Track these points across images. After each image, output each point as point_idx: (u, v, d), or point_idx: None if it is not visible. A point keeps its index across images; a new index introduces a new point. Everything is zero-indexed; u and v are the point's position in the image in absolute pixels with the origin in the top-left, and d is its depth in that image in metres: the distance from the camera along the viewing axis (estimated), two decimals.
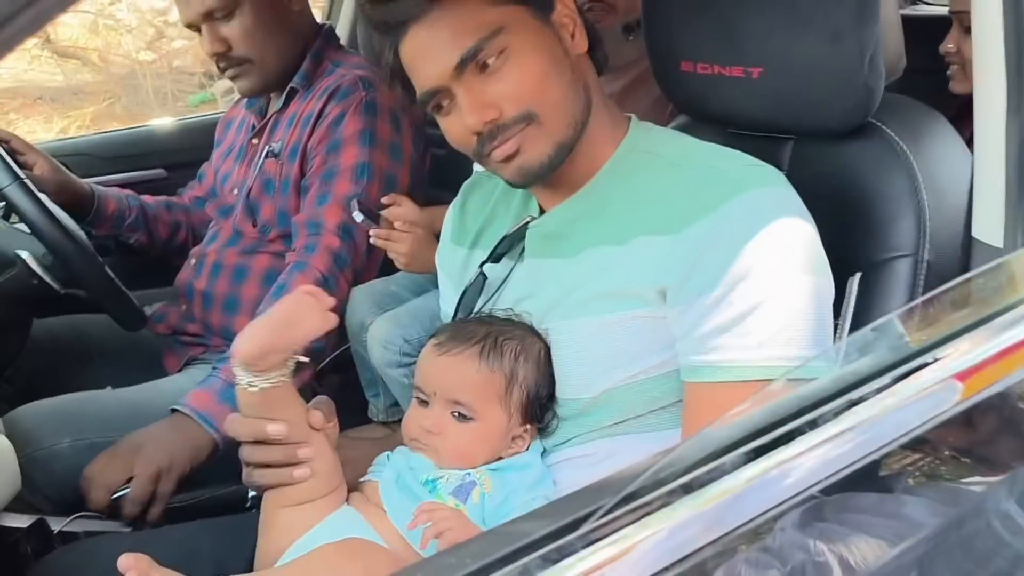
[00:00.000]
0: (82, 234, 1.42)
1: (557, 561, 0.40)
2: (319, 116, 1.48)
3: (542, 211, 0.98)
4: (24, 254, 1.31)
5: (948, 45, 1.47)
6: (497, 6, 0.84)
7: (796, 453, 0.50)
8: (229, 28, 1.46)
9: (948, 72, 1.52)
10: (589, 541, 0.42)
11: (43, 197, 1.34)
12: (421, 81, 0.87)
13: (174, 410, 1.29)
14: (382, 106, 1.50)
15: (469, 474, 0.87)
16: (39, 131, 5.16)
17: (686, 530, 0.43)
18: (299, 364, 0.85)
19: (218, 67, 1.52)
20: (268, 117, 1.60)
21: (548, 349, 0.92)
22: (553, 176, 0.90)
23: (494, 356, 0.89)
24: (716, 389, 0.81)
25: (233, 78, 1.52)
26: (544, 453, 0.93)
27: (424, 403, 0.90)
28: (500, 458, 0.89)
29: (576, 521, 0.43)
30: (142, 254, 1.75)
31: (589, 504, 0.44)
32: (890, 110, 0.96)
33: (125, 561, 0.75)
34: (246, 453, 0.87)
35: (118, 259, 1.74)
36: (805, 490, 0.50)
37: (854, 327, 0.91)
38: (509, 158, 0.87)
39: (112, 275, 1.37)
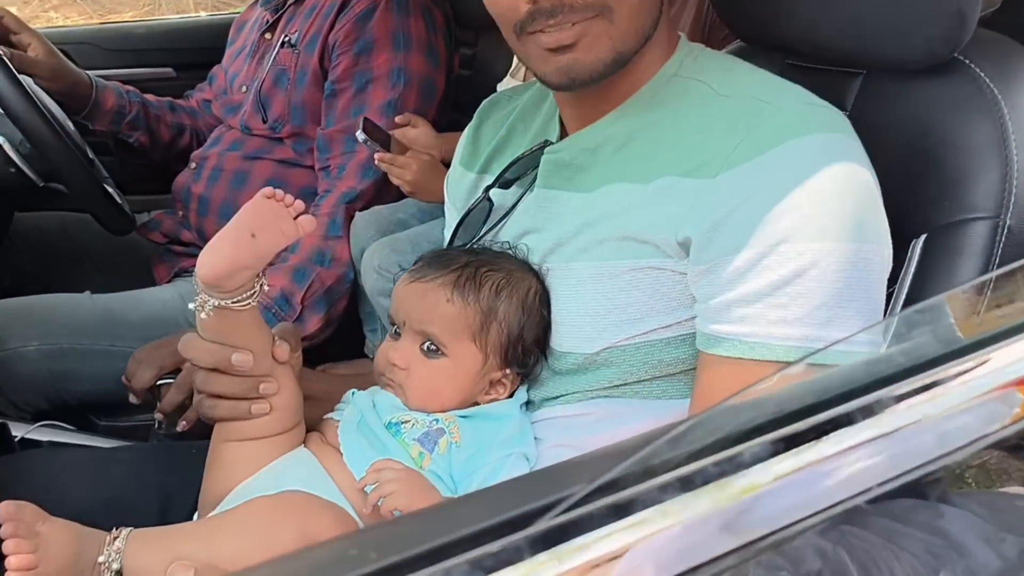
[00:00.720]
0: (67, 126, 1.32)
1: (490, 571, 0.29)
2: (343, 5, 1.38)
3: (563, 137, 0.85)
4: (0, 139, 1.21)
5: None
6: None
7: (812, 460, 0.37)
8: None
9: None
10: (539, 546, 0.30)
11: (26, 80, 1.24)
12: None
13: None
14: (413, 2, 1.40)
15: (437, 420, 0.77)
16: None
17: (679, 541, 0.31)
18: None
19: None
20: (284, 9, 1.50)
21: (543, 290, 0.80)
22: (591, 90, 0.77)
23: (470, 287, 0.78)
24: (736, 366, 0.68)
25: None
26: (530, 406, 0.81)
27: (397, 335, 0.81)
28: (476, 404, 0.79)
29: (528, 515, 0.31)
30: (142, 155, 1.66)
31: (549, 493, 0.33)
32: (981, 47, 0.80)
33: (6, 510, 0.65)
34: (201, 380, 0.77)
35: (117, 159, 1.65)
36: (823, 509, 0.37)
37: (911, 302, 0.78)
38: (562, 48, 0.73)
39: (96, 172, 1.27)
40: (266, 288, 0.75)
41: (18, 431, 1.18)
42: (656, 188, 0.74)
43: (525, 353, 0.79)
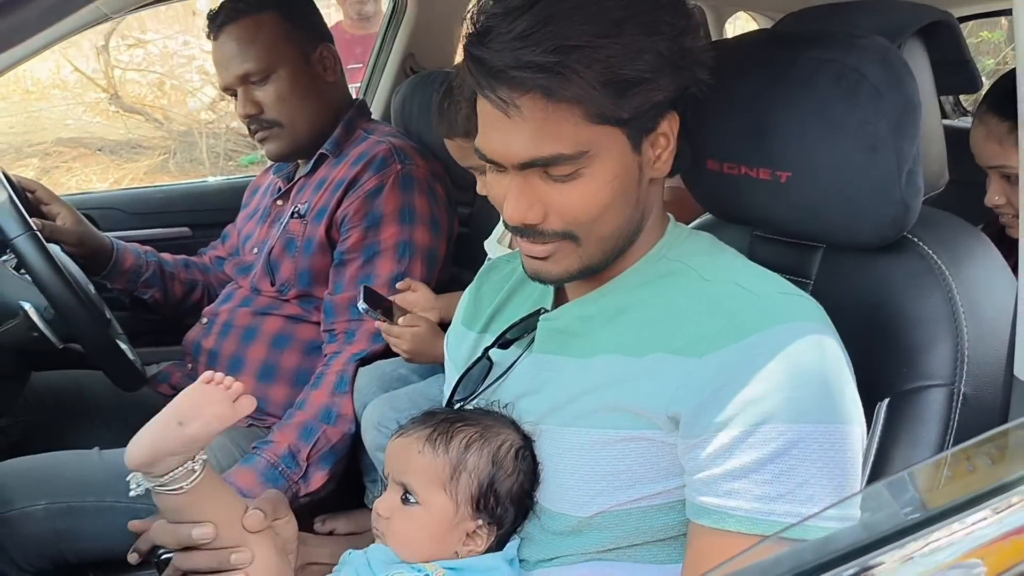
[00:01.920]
0: (89, 290, 1.40)
1: None
2: (352, 183, 1.48)
3: (557, 303, 0.92)
4: (27, 306, 1.29)
5: (995, 199, 1.37)
6: (596, 125, 0.75)
7: None
8: (263, 92, 1.48)
9: (1001, 221, 1.41)
10: None
11: (54, 249, 1.33)
12: (483, 143, 0.80)
13: None
14: (418, 179, 1.50)
15: (429, 575, 0.80)
16: (95, 180, 5.33)
17: None
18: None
19: (249, 129, 1.54)
20: (295, 180, 1.60)
21: (522, 445, 0.85)
22: None
23: (440, 441, 0.83)
24: (725, 537, 0.73)
25: (262, 140, 1.53)
26: (524, 565, 0.84)
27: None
28: (456, 556, 0.82)
29: None
30: (155, 311, 1.73)
31: None
32: (928, 225, 0.89)
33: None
34: (177, 560, 0.80)
35: (131, 314, 1.73)
36: None
37: (879, 460, 0.83)
38: (532, 257, 0.83)
39: (112, 335, 1.34)
40: (196, 471, 0.77)
41: None
42: (648, 363, 0.79)
43: (498, 505, 0.83)
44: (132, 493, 0.76)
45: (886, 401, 0.84)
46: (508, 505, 0.83)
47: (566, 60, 0.71)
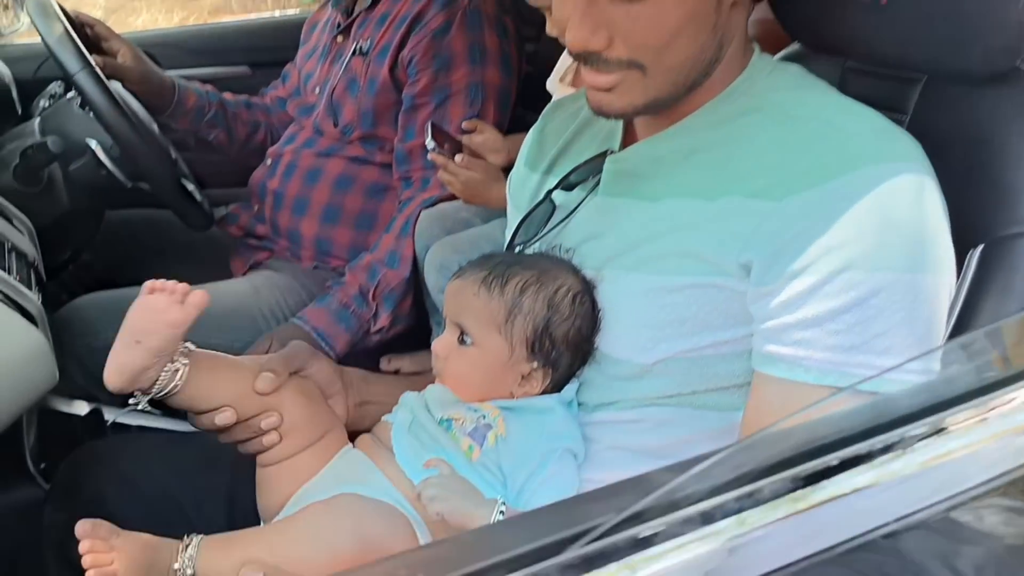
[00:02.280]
0: (153, 128, 1.40)
1: None
2: (416, 19, 1.42)
3: (625, 143, 0.87)
4: (93, 143, 1.30)
5: None
6: None
7: (855, 488, 0.39)
8: None
9: None
10: (570, 572, 0.33)
11: (115, 86, 1.31)
12: None
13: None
14: (487, 14, 1.44)
15: (484, 416, 0.81)
16: (160, 20, 5.28)
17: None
18: None
19: None
20: (354, 16, 1.54)
21: (580, 291, 0.83)
22: None
23: (496, 284, 0.82)
24: (791, 387, 0.70)
25: None
26: (583, 408, 0.84)
27: None
28: (512, 397, 0.83)
29: (559, 543, 0.34)
30: (220, 151, 1.73)
31: (582, 520, 0.36)
32: None
33: (82, 528, 0.71)
34: (220, 438, 0.83)
35: (196, 155, 1.72)
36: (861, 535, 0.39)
37: (966, 311, 0.78)
38: (596, 88, 0.77)
39: (178, 174, 1.34)
40: (180, 369, 0.77)
41: (110, 415, 1.27)
42: (720, 207, 0.74)
43: (554, 348, 0.82)
44: (139, 407, 0.78)
45: (979, 248, 0.78)
46: (563, 349, 0.82)
47: None
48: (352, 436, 0.88)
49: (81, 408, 1.25)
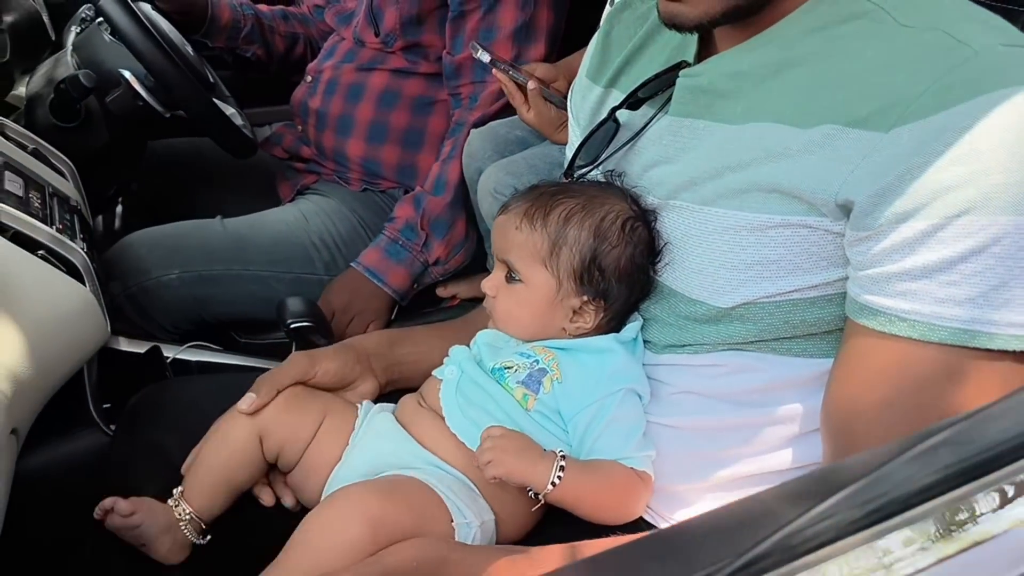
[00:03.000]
0: (187, 52, 1.33)
1: None
2: None
3: (702, 55, 0.77)
4: (127, 74, 1.24)
5: None
6: None
7: None
8: None
9: None
10: None
11: (144, 9, 1.24)
12: None
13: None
14: None
15: (538, 360, 0.76)
16: None
17: None
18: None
19: None
20: None
21: (631, 217, 0.76)
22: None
23: (538, 215, 0.77)
24: (891, 342, 0.62)
25: None
26: (652, 347, 0.79)
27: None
28: (565, 334, 0.79)
29: None
30: (260, 68, 1.66)
31: (686, 562, 0.30)
32: None
33: (100, 511, 0.75)
34: None
35: (234, 74, 1.66)
36: None
37: None
38: None
39: (218, 93, 1.28)
40: None
41: (169, 352, 1.26)
42: (815, 136, 0.65)
43: (604, 279, 0.77)
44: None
45: None
46: (615, 280, 0.77)
47: None
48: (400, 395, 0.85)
49: (140, 347, 1.24)
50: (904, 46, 0.63)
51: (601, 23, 0.93)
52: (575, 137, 0.92)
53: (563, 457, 0.70)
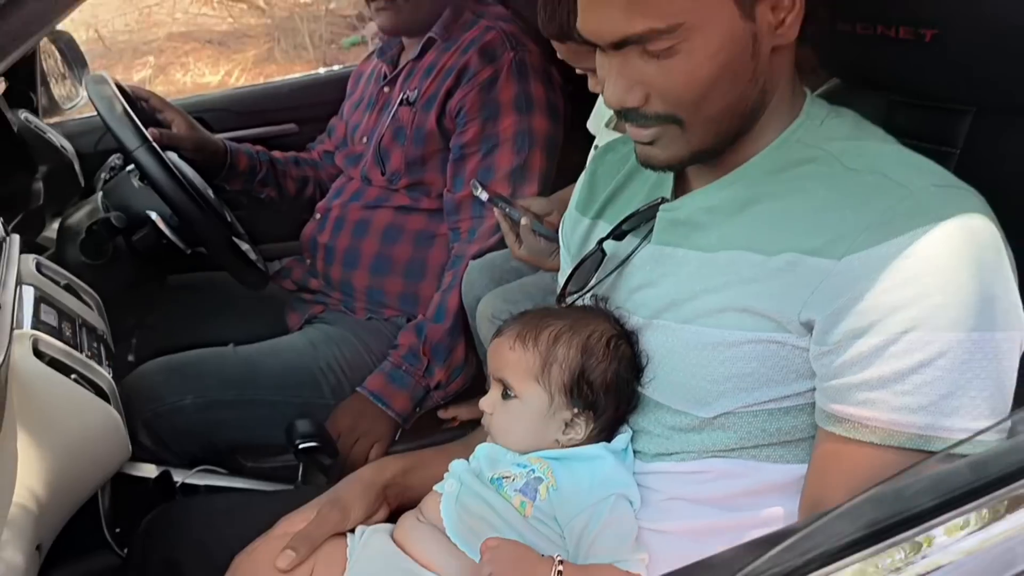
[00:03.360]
0: (209, 194, 1.44)
1: None
2: (463, 71, 1.45)
3: (678, 191, 0.87)
4: (154, 215, 1.35)
5: None
6: None
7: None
8: None
9: None
10: None
11: (172, 157, 1.37)
12: (580, 23, 0.76)
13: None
14: (533, 65, 1.47)
15: (533, 470, 0.82)
16: (207, 73, 5.47)
17: None
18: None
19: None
20: (402, 66, 1.57)
21: (615, 335, 0.84)
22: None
23: (530, 336, 0.85)
24: (856, 447, 0.69)
25: (379, 9, 1.49)
26: (641, 457, 0.84)
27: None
28: (558, 445, 0.85)
29: None
30: (272, 208, 1.78)
31: None
32: None
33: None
34: None
35: (249, 213, 1.78)
36: None
37: None
38: (639, 141, 0.79)
39: (234, 236, 1.39)
40: None
41: (179, 477, 1.31)
42: (779, 263, 0.73)
43: (592, 392, 0.83)
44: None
45: None
46: (603, 393, 0.83)
47: None
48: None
49: (151, 471, 1.29)
50: (851, 187, 0.72)
51: (588, 163, 1.04)
52: (566, 264, 1.01)
53: (561, 562, 0.74)
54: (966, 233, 0.67)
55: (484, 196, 1.27)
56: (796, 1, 0.72)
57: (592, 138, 1.40)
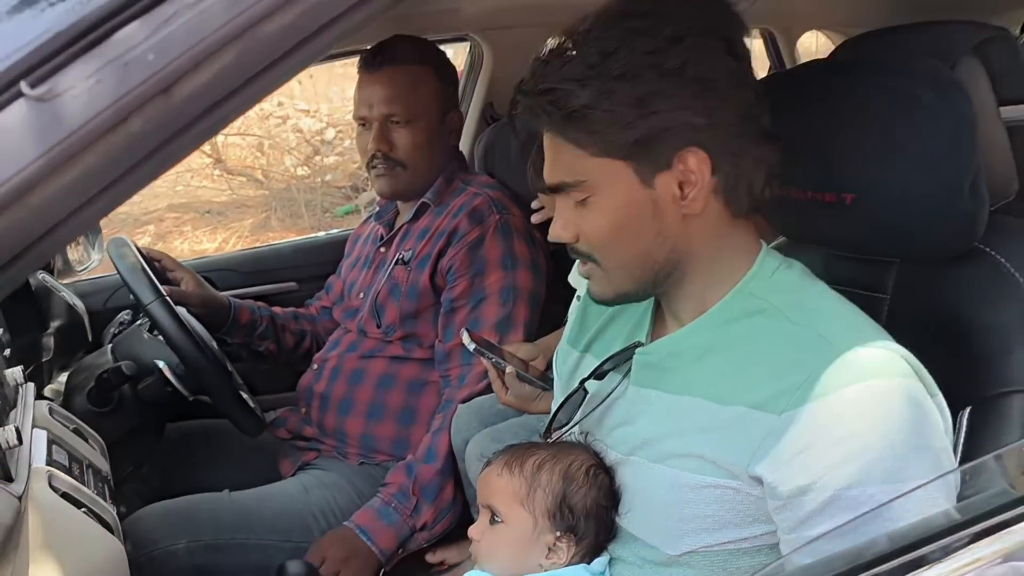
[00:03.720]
0: (213, 346, 1.54)
1: None
2: (453, 233, 1.58)
3: (655, 333, 0.95)
4: (161, 364, 1.44)
5: None
6: (596, 157, 0.82)
7: None
8: (400, 134, 1.59)
9: None
10: None
11: (181, 311, 1.47)
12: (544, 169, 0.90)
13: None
14: (516, 227, 1.61)
15: None
16: (204, 241, 5.69)
17: None
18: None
19: (370, 163, 1.63)
20: (398, 228, 1.71)
21: (594, 464, 0.91)
22: (665, 301, 0.92)
23: (516, 464, 0.93)
24: None
25: (379, 176, 1.63)
26: None
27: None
28: (541, 570, 0.89)
29: None
30: (270, 360, 1.87)
31: None
32: (1001, 234, 0.90)
33: None
34: None
35: (249, 365, 1.86)
36: None
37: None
38: (582, 275, 0.92)
39: (235, 386, 1.47)
40: None
41: None
42: (730, 415, 0.80)
43: (574, 516, 0.90)
44: None
45: (968, 409, 0.85)
46: (583, 518, 0.90)
47: (542, 101, 0.81)
48: None
49: None
50: (790, 341, 0.80)
51: (579, 298, 1.14)
52: (559, 394, 1.09)
53: None
54: (893, 392, 0.75)
55: (472, 346, 1.36)
56: (700, 179, 0.82)
57: (573, 289, 1.53)
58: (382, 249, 1.72)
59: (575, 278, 1.53)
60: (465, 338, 1.32)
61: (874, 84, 0.87)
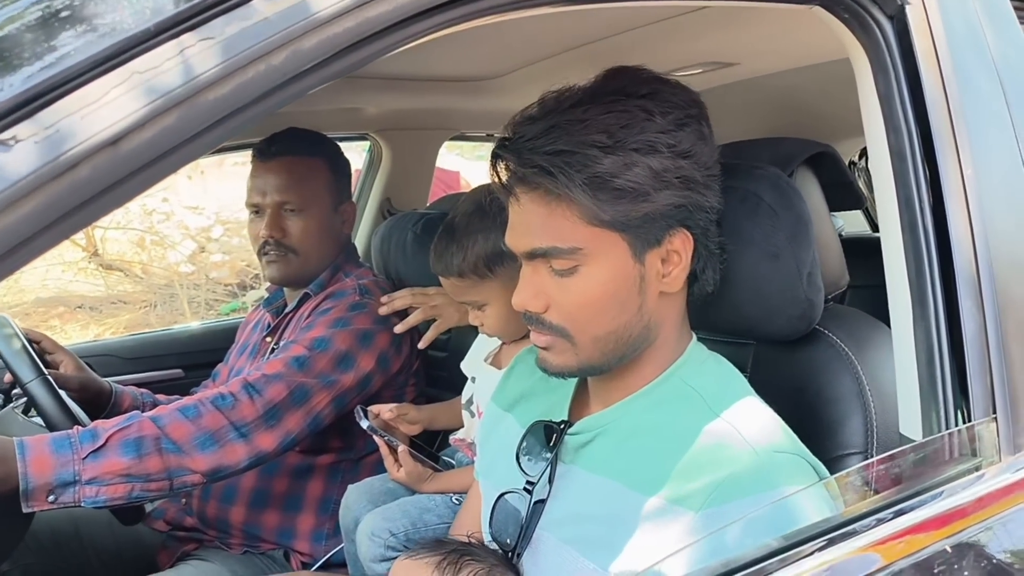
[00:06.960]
0: None
1: None
2: (315, 310, 1.60)
3: (575, 409, 0.95)
4: None
5: None
6: (592, 226, 0.81)
7: None
8: (293, 222, 1.63)
9: None
10: None
11: (62, 393, 1.43)
12: (507, 237, 0.88)
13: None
14: (370, 308, 1.60)
15: None
16: (75, 337, 5.41)
17: None
18: None
19: (262, 249, 1.64)
20: (282, 316, 1.72)
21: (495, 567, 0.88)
22: (599, 378, 0.91)
23: (449, 570, 0.87)
24: None
25: (271, 262, 1.64)
26: None
27: None
28: None
29: None
30: None
31: None
32: (836, 320, 1.04)
33: None
34: None
35: None
36: None
37: None
38: (537, 345, 0.89)
39: None
40: None
41: None
42: (649, 507, 0.79)
43: None
44: None
45: None
46: None
47: (558, 161, 0.79)
48: None
49: None
50: (709, 433, 0.81)
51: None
52: (485, 449, 1.07)
53: None
54: (800, 498, 0.77)
55: (365, 424, 1.39)
56: (683, 259, 0.86)
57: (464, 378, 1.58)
58: (268, 339, 1.73)
59: (467, 364, 1.58)
60: (359, 416, 1.35)
61: (726, 186, 1.01)
